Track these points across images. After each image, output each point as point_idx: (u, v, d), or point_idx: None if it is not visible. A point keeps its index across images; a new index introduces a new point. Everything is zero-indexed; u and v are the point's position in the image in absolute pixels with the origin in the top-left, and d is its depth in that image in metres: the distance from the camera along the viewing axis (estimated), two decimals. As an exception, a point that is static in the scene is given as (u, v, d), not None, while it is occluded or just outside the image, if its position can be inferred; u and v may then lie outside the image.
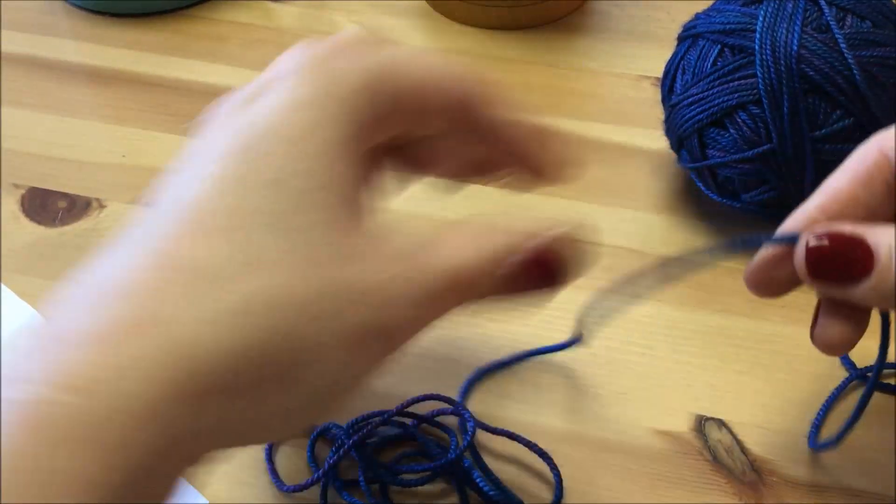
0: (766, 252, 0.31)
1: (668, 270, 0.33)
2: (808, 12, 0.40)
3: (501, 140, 0.30)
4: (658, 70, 0.46)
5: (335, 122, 0.25)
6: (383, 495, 0.36)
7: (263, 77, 0.27)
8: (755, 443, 0.37)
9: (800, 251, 0.29)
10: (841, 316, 0.30)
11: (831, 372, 0.39)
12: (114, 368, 0.21)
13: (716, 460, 0.37)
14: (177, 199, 0.24)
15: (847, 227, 0.29)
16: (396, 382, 0.37)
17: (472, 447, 0.36)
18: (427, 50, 0.57)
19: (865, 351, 0.39)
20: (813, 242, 0.29)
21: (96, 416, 0.21)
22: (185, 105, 0.53)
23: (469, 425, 0.36)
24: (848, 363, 0.39)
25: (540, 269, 0.28)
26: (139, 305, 0.22)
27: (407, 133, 0.29)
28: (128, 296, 0.22)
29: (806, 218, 0.30)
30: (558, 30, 0.58)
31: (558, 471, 0.36)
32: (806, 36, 0.39)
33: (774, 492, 0.36)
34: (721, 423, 0.38)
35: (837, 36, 0.39)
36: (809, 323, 0.41)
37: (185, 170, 0.25)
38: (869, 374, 0.38)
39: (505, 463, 0.37)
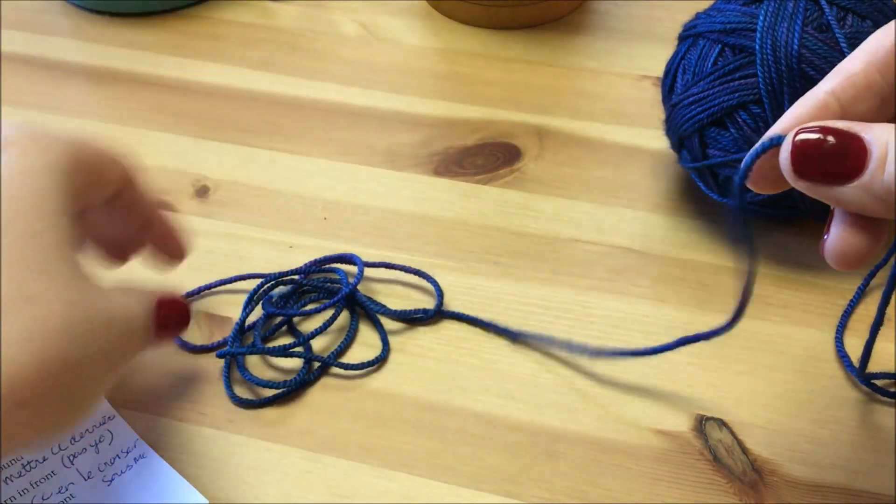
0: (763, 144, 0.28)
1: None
2: (809, 12, 0.40)
3: (142, 216, 0.36)
4: (658, 70, 0.46)
5: (62, 187, 0.30)
6: (291, 330, 0.42)
7: None
8: (756, 443, 0.37)
9: (786, 144, 0.27)
10: (856, 226, 0.27)
11: (831, 372, 0.39)
12: None
13: (716, 460, 0.37)
14: None
15: (841, 123, 0.26)
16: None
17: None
18: (424, 50, 0.57)
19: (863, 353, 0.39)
20: (801, 136, 0.26)
21: None
22: (185, 105, 0.53)
23: (358, 262, 0.43)
24: (847, 361, 0.39)
25: (178, 311, 0.35)
26: None
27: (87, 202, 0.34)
28: None
29: (815, 103, 0.27)
30: (558, 30, 0.58)
31: (435, 280, 0.42)
32: (806, 35, 0.39)
33: (774, 492, 0.36)
34: (721, 423, 0.38)
35: (838, 35, 0.39)
36: (810, 323, 0.41)
37: None
38: (874, 382, 0.38)
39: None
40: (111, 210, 0.35)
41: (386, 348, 0.41)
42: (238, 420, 0.38)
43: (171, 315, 0.34)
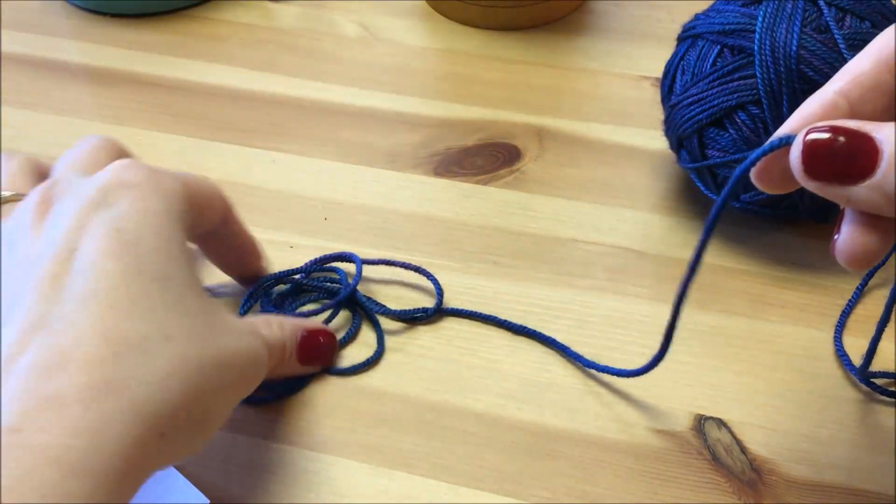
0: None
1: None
2: (808, 13, 0.40)
3: (234, 247, 0.41)
4: (658, 70, 0.46)
5: (181, 228, 0.33)
6: None
7: (101, 183, 0.32)
8: (755, 442, 0.37)
9: (796, 144, 0.27)
10: (867, 225, 0.27)
11: (831, 371, 0.39)
12: (87, 433, 0.26)
13: (715, 460, 0.37)
14: (82, 286, 0.29)
15: (851, 123, 0.26)
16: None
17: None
18: (424, 50, 0.57)
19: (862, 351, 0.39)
20: (812, 135, 0.26)
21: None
22: (186, 105, 0.54)
23: (356, 261, 0.42)
24: (846, 361, 0.39)
25: (324, 340, 0.39)
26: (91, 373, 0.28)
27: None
28: (81, 364, 0.28)
29: (824, 102, 0.28)
30: (558, 30, 0.58)
31: (435, 278, 0.42)
32: (805, 36, 0.39)
33: (774, 491, 0.36)
34: (720, 423, 0.38)
35: (836, 36, 0.39)
36: (809, 323, 0.41)
37: (77, 258, 0.30)
38: (874, 381, 0.38)
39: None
40: (207, 240, 0.40)
41: (380, 348, 0.41)
42: (238, 419, 0.39)
43: (315, 345, 0.38)
